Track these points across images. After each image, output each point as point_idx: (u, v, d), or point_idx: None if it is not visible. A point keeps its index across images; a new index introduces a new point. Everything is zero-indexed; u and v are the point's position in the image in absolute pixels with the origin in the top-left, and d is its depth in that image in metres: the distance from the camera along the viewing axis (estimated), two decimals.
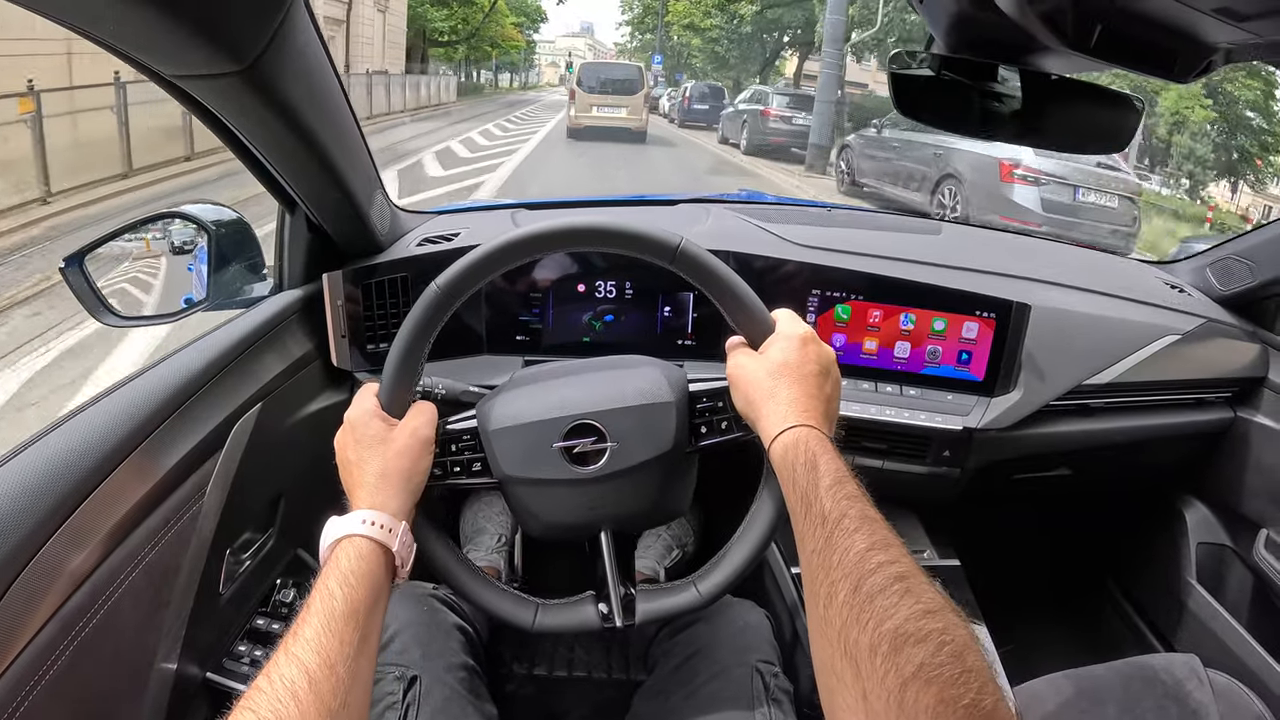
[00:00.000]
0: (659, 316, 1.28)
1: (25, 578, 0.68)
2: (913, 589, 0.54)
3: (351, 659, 0.60)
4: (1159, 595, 1.55)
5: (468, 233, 1.30)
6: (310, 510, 1.20)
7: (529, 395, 0.85)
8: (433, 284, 0.78)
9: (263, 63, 0.73)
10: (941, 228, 1.49)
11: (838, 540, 0.59)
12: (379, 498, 0.73)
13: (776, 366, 0.75)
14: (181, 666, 0.93)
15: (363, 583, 0.66)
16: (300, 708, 0.55)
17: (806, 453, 0.67)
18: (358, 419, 0.77)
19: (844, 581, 0.56)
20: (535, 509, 0.84)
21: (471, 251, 0.78)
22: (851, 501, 0.62)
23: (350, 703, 0.59)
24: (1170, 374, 1.35)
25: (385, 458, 0.75)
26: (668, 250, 0.78)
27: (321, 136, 0.92)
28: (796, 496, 0.65)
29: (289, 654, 0.59)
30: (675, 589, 0.84)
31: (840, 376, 0.80)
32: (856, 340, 1.26)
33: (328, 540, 0.70)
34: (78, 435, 0.78)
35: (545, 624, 0.82)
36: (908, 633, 0.51)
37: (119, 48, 0.68)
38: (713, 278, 0.79)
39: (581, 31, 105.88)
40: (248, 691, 0.57)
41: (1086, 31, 0.70)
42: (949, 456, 1.25)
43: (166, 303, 1.20)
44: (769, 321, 0.80)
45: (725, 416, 0.83)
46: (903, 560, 0.57)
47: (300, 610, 0.64)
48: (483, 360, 1.27)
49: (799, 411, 0.71)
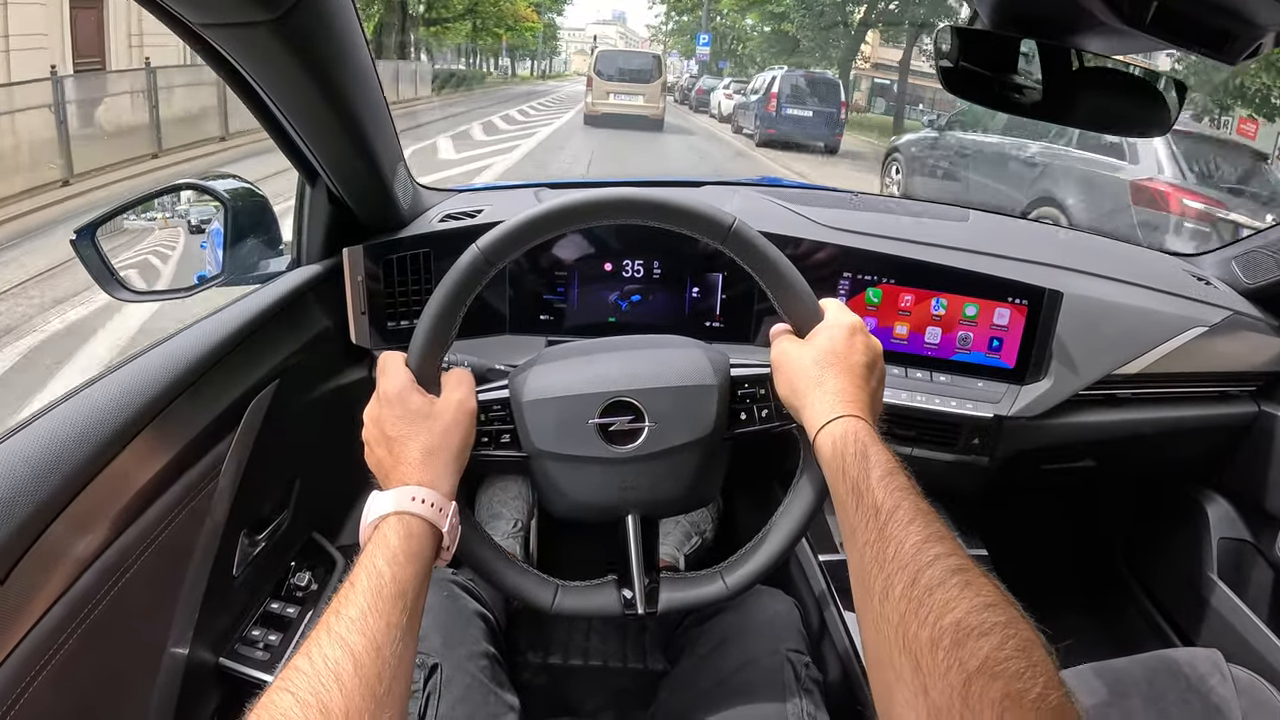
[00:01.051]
0: (687, 297, 1.26)
1: (30, 558, 0.65)
2: (972, 582, 0.53)
3: (399, 641, 0.58)
4: (1180, 589, 1.54)
5: (490, 210, 1.28)
6: (326, 492, 1.18)
7: (565, 369, 0.82)
8: (473, 245, 0.74)
9: (295, 14, 0.70)
10: (969, 214, 1.47)
11: (892, 532, 0.58)
12: (427, 475, 0.69)
13: (824, 355, 0.73)
14: (194, 651, 0.91)
15: (411, 563, 0.63)
16: (344, 691, 0.52)
17: (857, 443, 0.65)
18: (395, 393, 0.73)
19: (900, 574, 0.55)
20: (563, 486, 0.81)
21: (517, 215, 0.75)
22: (904, 493, 0.61)
23: (394, 688, 0.56)
24: (1196, 366, 1.34)
25: (433, 433, 0.72)
26: (721, 229, 0.76)
27: (349, 99, 0.89)
28: (847, 487, 0.63)
29: (332, 633, 0.56)
30: (700, 579, 0.82)
31: (885, 369, 0.78)
32: (887, 324, 1.24)
33: (372, 515, 0.67)
34: (88, 410, 0.75)
35: (565, 605, 0.80)
36: (970, 626, 0.50)
37: None
38: (764, 260, 0.77)
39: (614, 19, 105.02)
40: (284, 671, 0.53)
41: (1142, 8, 0.69)
42: (978, 444, 1.23)
43: (180, 277, 1.17)
44: (818, 309, 0.78)
45: (766, 404, 0.81)
46: (958, 553, 0.56)
47: (340, 588, 0.61)
48: (505, 340, 1.24)
49: (846, 402, 0.70)
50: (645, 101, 15.29)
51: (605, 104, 15.26)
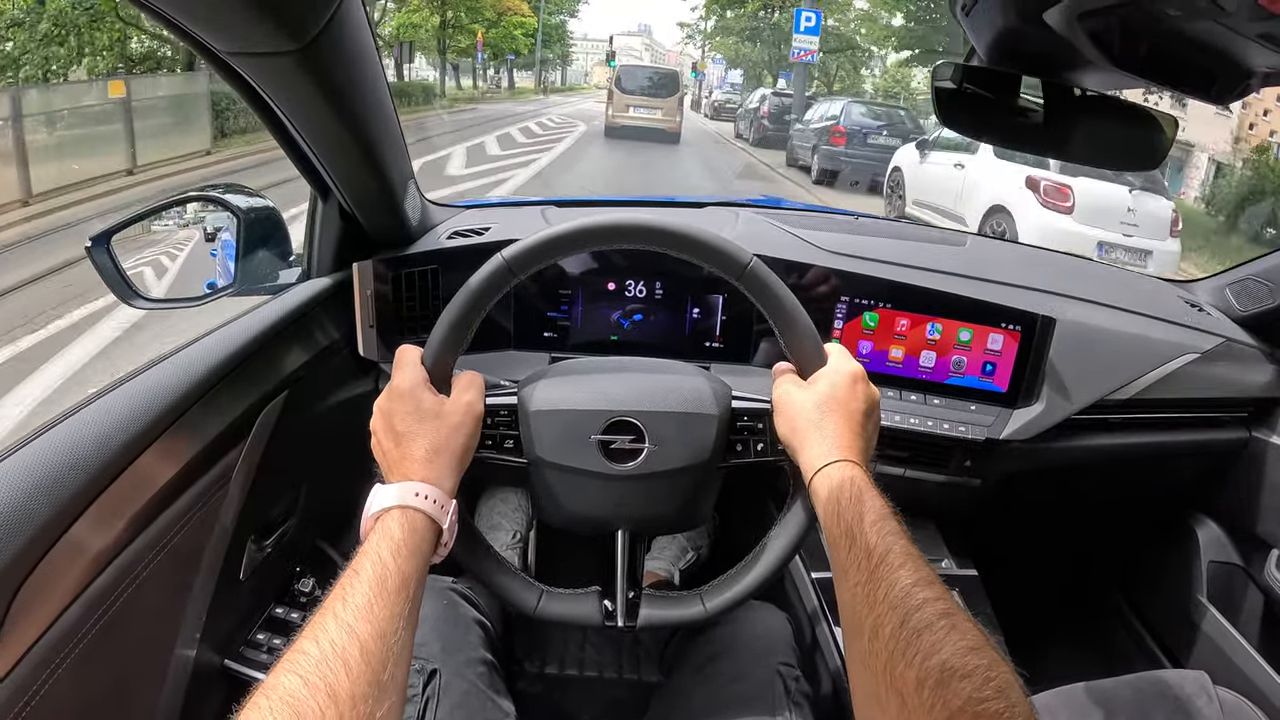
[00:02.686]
0: (687, 318, 1.28)
1: (52, 557, 0.67)
2: (958, 625, 0.56)
3: (401, 630, 0.60)
4: (1169, 612, 1.55)
5: (498, 227, 1.30)
6: (332, 500, 1.20)
7: (574, 383, 0.84)
8: (498, 254, 0.77)
9: (318, 44, 0.73)
10: (966, 239, 1.49)
11: (883, 574, 0.61)
12: (431, 473, 0.72)
13: (825, 400, 0.76)
14: (201, 653, 0.93)
15: (414, 556, 0.66)
16: (350, 676, 0.54)
17: (853, 488, 0.68)
18: (407, 389, 0.75)
19: (890, 615, 0.58)
20: (560, 497, 0.84)
21: (543, 230, 0.78)
22: (895, 537, 0.64)
23: (395, 675, 0.58)
24: (1188, 392, 1.35)
25: (439, 432, 0.74)
26: (737, 265, 0.79)
27: (365, 123, 0.92)
28: (841, 530, 0.66)
29: (338, 620, 0.58)
30: (681, 600, 0.84)
31: (881, 419, 0.81)
32: (883, 348, 1.26)
33: (374, 508, 0.69)
34: (106, 417, 0.77)
35: (548, 610, 0.82)
36: (954, 668, 0.53)
37: (178, 22, 0.68)
38: (776, 302, 0.79)
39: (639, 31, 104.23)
40: (288, 654, 0.55)
41: (1132, 50, 0.71)
42: (970, 466, 1.25)
43: (190, 286, 1.20)
44: (823, 354, 0.80)
45: (762, 438, 0.83)
46: (945, 597, 0.59)
47: (341, 576, 0.63)
48: (509, 355, 1.26)
49: (843, 447, 0.73)
50: (663, 116, 15.90)
51: (625, 116, 15.86)
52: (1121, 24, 0.69)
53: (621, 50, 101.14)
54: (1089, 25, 0.69)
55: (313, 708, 0.51)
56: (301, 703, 0.51)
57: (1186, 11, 0.63)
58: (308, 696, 0.52)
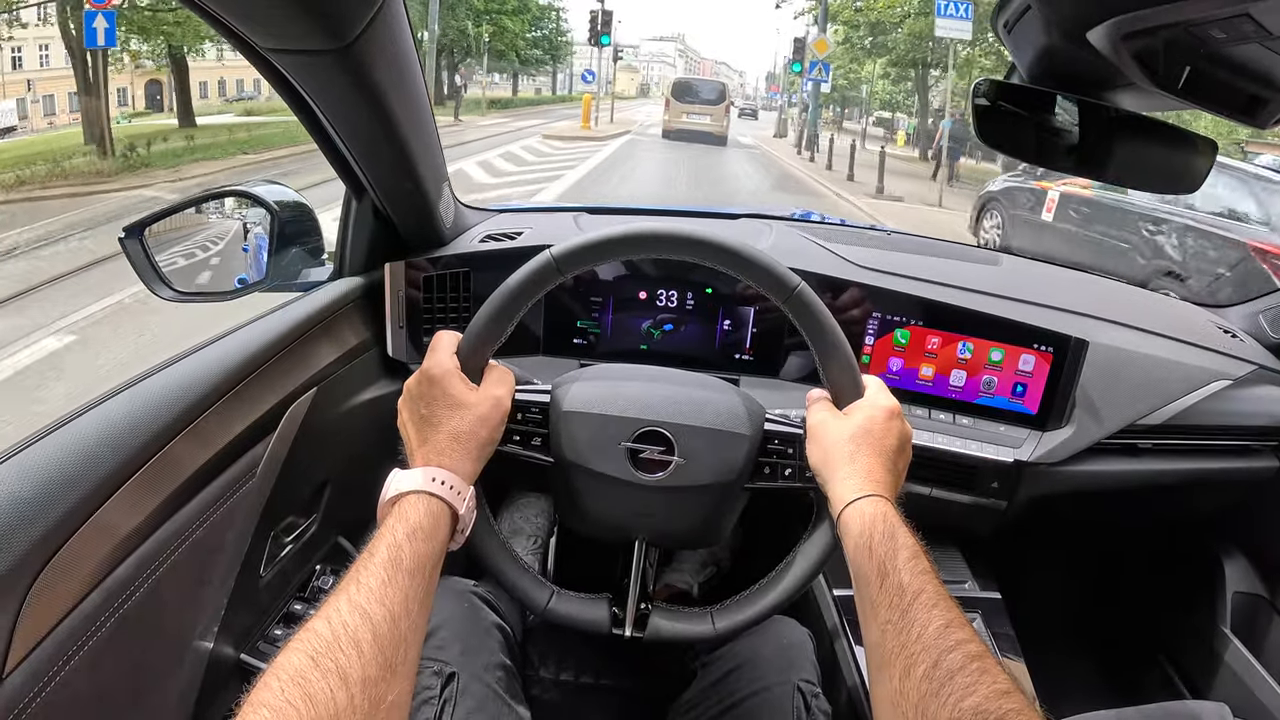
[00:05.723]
0: (718, 329, 1.28)
1: (75, 542, 0.68)
2: (989, 669, 0.56)
3: (414, 615, 0.60)
4: (1192, 641, 1.53)
5: (531, 232, 1.30)
6: (354, 499, 1.20)
7: (609, 388, 0.84)
8: (546, 251, 0.77)
9: (359, 44, 0.73)
10: (1000, 258, 1.48)
11: (915, 614, 0.61)
12: (449, 459, 0.72)
13: (860, 433, 0.76)
14: (218, 645, 0.93)
15: (429, 540, 0.66)
16: (362, 659, 0.54)
17: (885, 523, 0.69)
18: (439, 376, 0.75)
19: (923, 656, 0.58)
20: (582, 500, 0.83)
21: (592, 231, 0.78)
22: (928, 577, 0.64)
23: (406, 660, 0.58)
24: (1219, 419, 1.33)
25: (465, 420, 0.74)
26: (785, 289, 0.78)
27: (402, 124, 0.92)
28: (873, 565, 0.66)
29: (352, 601, 0.58)
30: (692, 616, 0.84)
31: (912, 454, 0.81)
32: (913, 366, 1.25)
33: (393, 491, 0.69)
34: (135, 407, 0.78)
35: (557, 611, 0.82)
36: (988, 710, 0.53)
37: (223, 18, 0.68)
38: (820, 329, 0.79)
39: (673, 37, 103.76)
40: (299, 634, 0.55)
41: (1176, 72, 0.71)
42: (997, 488, 1.24)
43: (222, 281, 1.20)
44: (861, 385, 0.80)
45: (791, 464, 0.83)
46: (976, 639, 0.59)
47: (359, 557, 0.63)
48: (538, 361, 1.26)
49: (875, 482, 0.73)
50: (711, 121, 18.91)
51: (679, 122, 18.94)
52: (1165, 46, 0.69)
53: (654, 57, 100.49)
54: (1132, 46, 0.69)
55: (323, 688, 0.51)
56: (312, 683, 0.51)
57: (1232, 35, 0.62)
58: (318, 677, 0.51)
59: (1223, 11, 0.59)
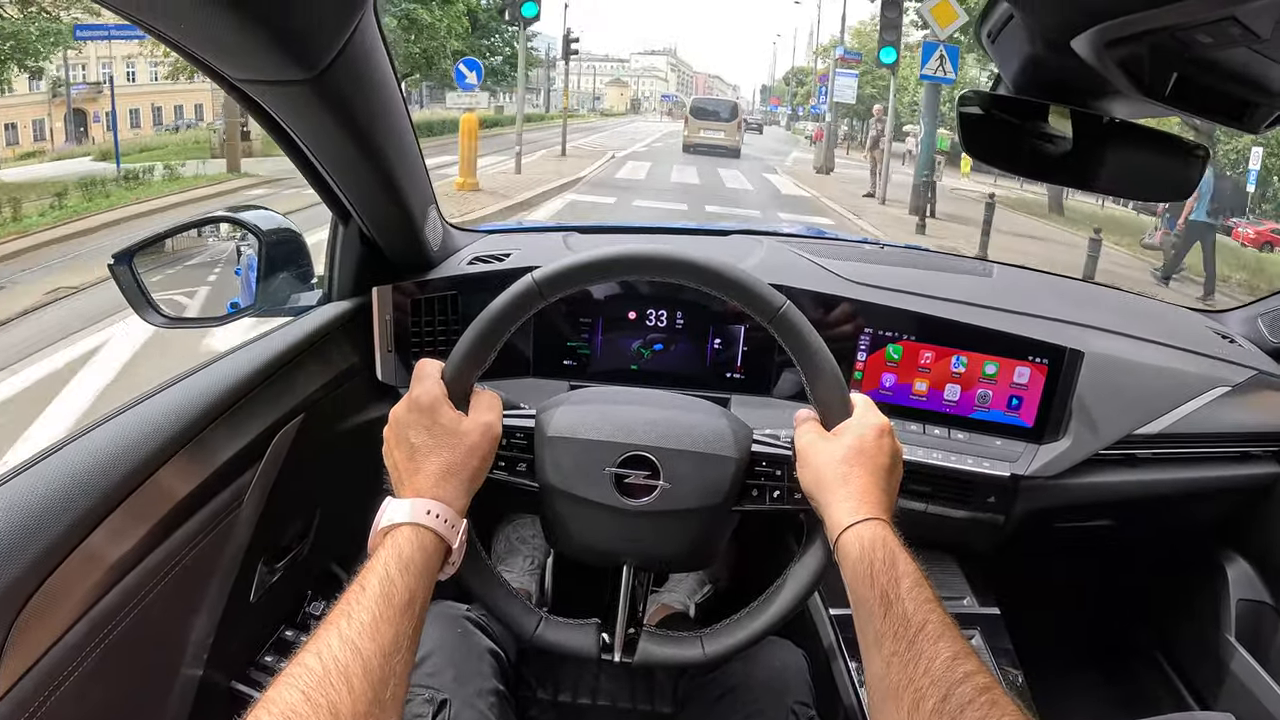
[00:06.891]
0: (708, 348, 1.27)
1: (62, 573, 0.67)
2: (998, 701, 0.56)
3: (404, 650, 0.60)
4: (1197, 651, 1.51)
5: (519, 254, 1.30)
6: (345, 524, 1.19)
7: (593, 412, 0.83)
8: (529, 275, 0.77)
9: (331, 73, 0.73)
10: (993, 269, 1.47)
11: (923, 646, 0.60)
12: (444, 492, 0.71)
13: (851, 453, 0.75)
14: (207, 673, 0.93)
15: (422, 574, 0.65)
16: (353, 695, 0.54)
17: (885, 549, 0.67)
18: (428, 403, 0.74)
19: (932, 689, 0.58)
20: (569, 525, 0.82)
21: (576, 255, 0.77)
22: (932, 606, 0.63)
23: (395, 695, 0.58)
24: (1218, 426, 1.32)
25: (456, 451, 0.73)
26: (770, 309, 0.78)
27: (383, 150, 0.92)
28: (876, 594, 0.65)
29: (343, 636, 0.57)
30: (682, 640, 0.83)
31: (906, 470, 0.80)
32: (907, 381, 1.24)
33: (385, 522, 0.69)
34: (122, 435, 0.78)
35: (544, 637, 0.81)
36: None
37: (189, 49, 0.68)
38: (806, 348, 0.78)
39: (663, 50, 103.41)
40: (290, 668, 0.55)
41: (1162, 79, 0.70)
42: (994, 503, 1.22)
43: (211, 306, 1.20)
44: (849, 405, 0.79)
45: (779, 485, 0.82)
46: (984, 670, 0.59)
47: (347, 590, 0.62)
48: (528, 383, 1.26)
49: (870, 503, 0.71)
50: (725, 136, 20.82)
51: (697, 136, 20.87)
52: (1151, 52, 0.68)
53: (645, 71, 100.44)
54: (1117, 54, 0.68)
55: None
56: (303, 719, 0.51)
57: (1218, 39, 0.61)
58: (309, 713, 0.51)
59: (1208, 15, 0.58)
